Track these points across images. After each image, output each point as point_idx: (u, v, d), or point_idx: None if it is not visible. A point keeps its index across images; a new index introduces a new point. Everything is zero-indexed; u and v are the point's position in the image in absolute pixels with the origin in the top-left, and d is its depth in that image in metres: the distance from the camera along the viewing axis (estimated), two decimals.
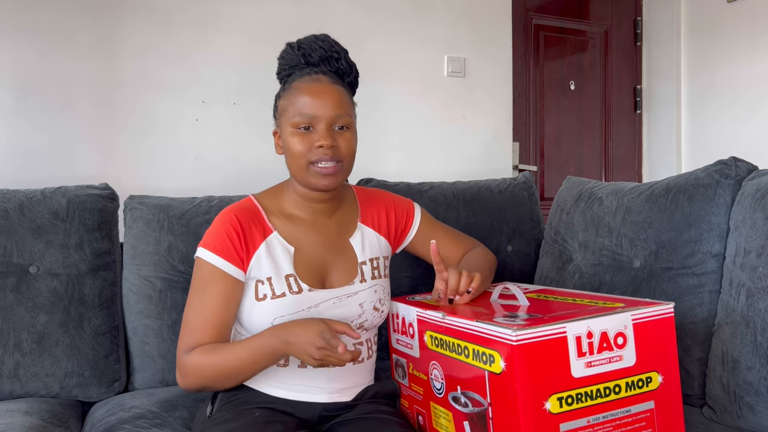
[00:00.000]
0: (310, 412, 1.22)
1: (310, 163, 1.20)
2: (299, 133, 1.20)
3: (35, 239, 1.52)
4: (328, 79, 1.23)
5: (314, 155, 1.20)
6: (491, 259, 1.45)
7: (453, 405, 1.12)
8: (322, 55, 1.25)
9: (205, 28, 2.59)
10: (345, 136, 1.22)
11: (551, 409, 0.97)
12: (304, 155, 1.20)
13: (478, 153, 3.16)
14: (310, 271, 1.25)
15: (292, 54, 1.27)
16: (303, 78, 1.23)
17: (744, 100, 3.28)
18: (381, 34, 2.91)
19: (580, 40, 3.65)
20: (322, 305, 1.23)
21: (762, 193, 1.35)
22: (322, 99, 1.20)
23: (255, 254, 1.23)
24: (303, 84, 1.22)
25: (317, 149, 1.19)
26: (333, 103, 1.20)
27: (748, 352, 1.27)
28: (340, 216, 1.33)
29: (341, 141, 1.21)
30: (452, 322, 1.11)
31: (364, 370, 1.29)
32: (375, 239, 1.35)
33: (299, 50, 1.26)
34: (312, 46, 1.25)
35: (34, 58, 2.33)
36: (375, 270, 1.32)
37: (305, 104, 1.20)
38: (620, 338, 1.03)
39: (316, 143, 1.19)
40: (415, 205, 1.44)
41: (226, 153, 2.63)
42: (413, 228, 1.41)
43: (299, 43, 1.27)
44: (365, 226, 1.35)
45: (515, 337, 0.96)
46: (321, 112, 1.20)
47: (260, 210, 1.28)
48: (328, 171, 1.20)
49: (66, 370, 1.50)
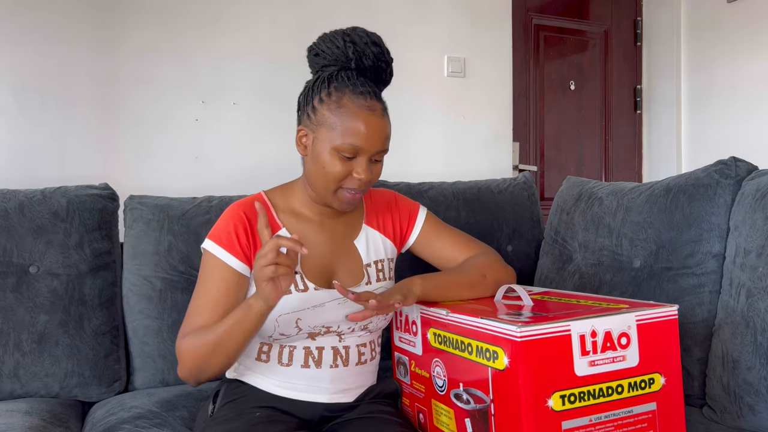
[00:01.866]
0: (312, 412, 1.22)
1: (340, 188, 1.20)
2: (341, 158, 1.17)
3: (35, 239, 1.52)
4: (381, 108, 1.18)
5: (349, 183, 1.19)
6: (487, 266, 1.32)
7: (455, 402, 1.13)
8: (373, 63, 1.19)
9: (206, 28, 2.59)
10: (378, 167, 1.22)
11: (554, 407, 0.97)
12: (338, 180, 1.18)
13: (478, 153, 3.15)
14: (316, 270, 1.24)
15: (340, 50, 1.18)
16: (357, 99, 1.16)
17: (744, 100, 3.28)
18: (381, 34, 2.89)
19: (580, 40, 3.65)
20: (327, 305, 1.22)
21: (762, 193, 1.35)
22: (376, 134, 1.16)
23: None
24: (358, 109, 1.16)
25: (353, 179, 1.18)
26: (383, 139, 1.18)
27: (748, 352, 1.27)
28: (346, 217, 1.32)
29: (375, 172, 1.21)
30: (456, 318, 1.12)
31: (367, 371, 1.29)
32: (380, 241, 1.34)
33: (352, 51, 1.17)
34: (365, 50, 1.18)
35: (34, 58, 2.33)
36: (380, 272, 1.31)
37: (358, 135, 1.15)
38: (624, 338, 1.03)
39: (354, 174, 1.17)
40: (421, 207, 1.42)
41: (226, 153, 2.63)
42: (415, 230, 1.39)
43: (352, 40, 1.17)
44: (370, 227, 1.34)
45: (519, 334, 0.96)
46: (369, 147, 1.17)
47: (269, 206, 1.27)
48: (356, 198, 1.21)
49: (66, 370, 1.50)
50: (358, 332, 1.26)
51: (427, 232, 1.39)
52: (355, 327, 1.24)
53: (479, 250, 1.38)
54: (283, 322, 1.20)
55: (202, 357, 1.15)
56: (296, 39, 2.90)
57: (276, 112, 2.65)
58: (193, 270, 1.58)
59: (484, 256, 1.36)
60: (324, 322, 1.22)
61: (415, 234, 1.39)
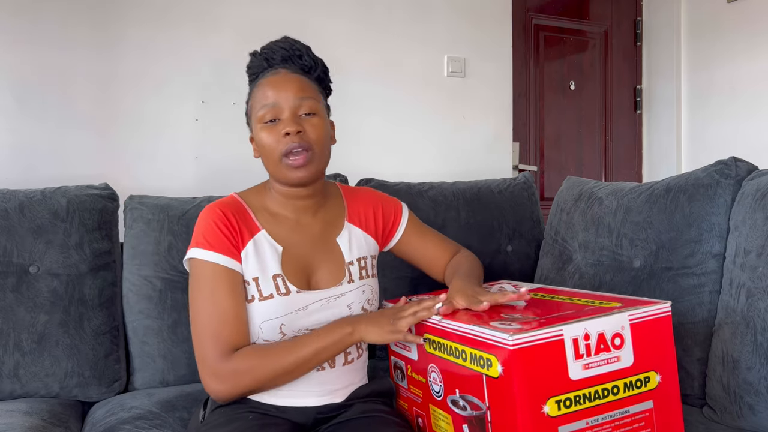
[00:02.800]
0: (304, 417, 1.20)
1: (282, 156, 1.19)
2: (266, 127, 1.20)
3: (35, 239, 1.52)
4: (287, 71, 1.23)
5: (282, 145, 1.18)
6: (478, 264, 1.40)
7: (452, 408, 1.12)
8: (283, 56, 1.25)
9: (206, 28, 2.59)
10: (312, 121, 1.21)
11: (549, 413, 0.97)
12: (274, 147, 1.19)
13: (478, 153, 3.15)
14: (296, 271, 1.23)
15: (256, 61, 1.27)
16: (265, 76, 1.24)
17: (744, 100, 3.28)
18: (381, 34, 2.91)
19: (580, 40, 3.65)
20: (310, 307, 1.21)
21: (762, 193, 1.35)
22: (284, 87, 1.20)
23: (243, 251, 1.20)
24: (264, 80, 1.23)
25: (284, 138, 1.18)
26: (294, 89, 1.20)
27: (748, 352, 1.27)
28: (325, 214, 1.31)
29: (308, 127, 1.20)
30: (449, 325, 1.10)
31: (354, 369, 1.27)
32: (362, 238, 1.33)
33: (261, 55, 1.26)
34: (272, 48, 1.26)
35: (34, 58, 2.33)
36: (363, 270, 1.30)
37: (267, 96, 1.21)
38: (617, 339, 1.03)
39: (282, 131, 1.18)
40: (403, 205, 1.42)
41: (226, 153, 2.63)
42: (400, 227, 1.39)
43: (261, 49, 1.28)
44: (352, 224, 1.33)
45: (512, 342, 0.95)
46: (283, 100, 1.20)
47: (246, 207, 1.26)
48: (298, 162, 1.19)
49: (66, 370, 1.50)
50: None
51: (410, 230, 1.40)
52: None
53: (456, 248, 1.44)
54: (267, 329, 1.19)
55: (268, 378, 1.15)
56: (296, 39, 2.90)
57: None
58: None
59: (466, 255, 1.41)
60: (308, 325, 1.21)
61: (400, 232, 1.39)
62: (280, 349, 1.15)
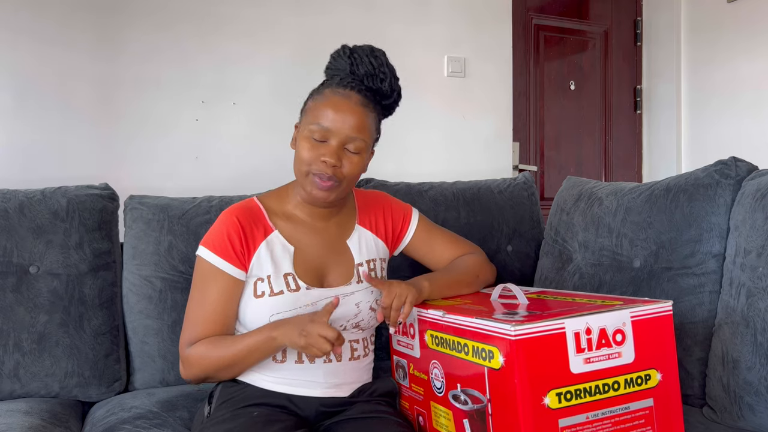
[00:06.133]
0: (308, 408, 1.23)
1: (311, 173, 1.21)
2: (311, 142, 1.21)
3: (35, 239, 1.52)
4: (359, 99, 1.21)
5: (315, 166, 1.20)
6: (479, 267, 1.41)
7: (453, 403, 1.13)
8: (368, 71, 1.23)
9: (206, 28, 2.59)
10: (352, 159, 1.22)
11: (550, 405, 0.97)
12: (308, 163, 1.21)
13: (478, 153, 3.16)
14: (308, 270, 1.27)
15: (342, 58, 1.25)
16: (336, 88, 1.22)
17: (744, 100, 3.28)
18: (381, 34, 2.91)
19: (580, 40, 3.65)
20: (319, 303, 1.24)
21: (762, 193, 1.35)
22: (343, 117, 1.19)
23: (256, 253, 1.25)
24: (333, 95, 1.21)
25: (321, 163, 1.20)
26: (352, 123, 1.20)
27: (748, 352, 1.27)
28: (339, 218, 1.34)
29: (347, 162, 1.21)
30: (452, 319, 1.12)
31: (360, 367, 1.30)
32: (372, 241, 1.36)
33: (349, 58, 1.24)
34: (363, 59, 1.23)
35: (34, 58, 2.33)
36: (372, 272, 1.33)
37: (326, 116, 1.20)
38: (619, 335, 1.03)
39: (321, 157, 1.19)
40: (414, 209, 1.45)
41: (226, 153, 2.63)
42: (409, 231, 1.42)
43: (352, 51, 1.25)
44: (363, 228, 1.37)
45: (514, 333, 0.96)
46: (337, 129, 1.19)
47: (262, 210, 1.30)
48: (324, 186, 1.21)
49: (66, 370, 1.50)
50: (351, 330, 1.28)
51: (420, 233, 1.43)
52: (346, 325, 1.27)
53: (468, 249, 1.45)
54: None
55: (213, 369, 1.23)
56: (296, 40, 2.91)
57: (276, 112, 2.65)
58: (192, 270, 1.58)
59: (474, 255, 1.43)
60: None
61: (409, 236, 1.42)
62: (224, 344, 1.21)
